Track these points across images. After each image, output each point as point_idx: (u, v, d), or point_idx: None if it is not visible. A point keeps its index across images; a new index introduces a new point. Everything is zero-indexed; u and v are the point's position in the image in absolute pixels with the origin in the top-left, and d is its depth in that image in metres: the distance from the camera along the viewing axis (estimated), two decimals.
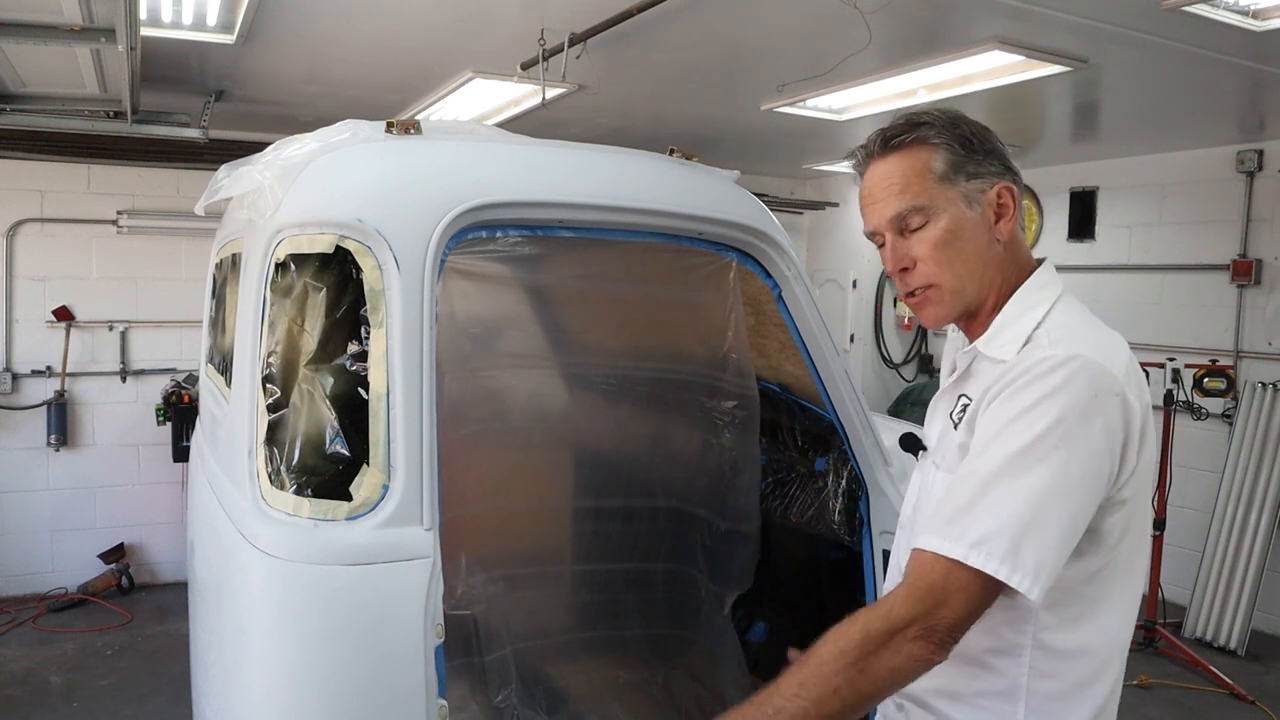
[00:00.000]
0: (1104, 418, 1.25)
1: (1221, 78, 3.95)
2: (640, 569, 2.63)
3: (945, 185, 1.38)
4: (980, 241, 1.39)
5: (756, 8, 3.24)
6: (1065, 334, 1.32)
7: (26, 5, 2.92)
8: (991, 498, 1.24)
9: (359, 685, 1.67)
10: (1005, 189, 1.39)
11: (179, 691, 3.74)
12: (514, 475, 2.58)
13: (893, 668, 1.22)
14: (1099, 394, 1.25)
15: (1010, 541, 1.21)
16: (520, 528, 2.55)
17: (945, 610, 1.22)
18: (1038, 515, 1.22)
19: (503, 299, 2.61)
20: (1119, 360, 1.30)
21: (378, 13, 3.37)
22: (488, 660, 2.23)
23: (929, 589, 1.23)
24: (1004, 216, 1.39)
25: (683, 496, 2.70)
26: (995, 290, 1.41)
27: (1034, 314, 1.37)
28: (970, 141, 1.39)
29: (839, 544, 2.67)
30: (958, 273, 1.39)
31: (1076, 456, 1.23)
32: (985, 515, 1.23)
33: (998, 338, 1.38)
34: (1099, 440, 1.25)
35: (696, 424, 2.65)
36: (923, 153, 1.39)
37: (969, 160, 1.38)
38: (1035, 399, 1.25)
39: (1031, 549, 1.21)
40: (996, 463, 1.25)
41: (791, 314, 2.32)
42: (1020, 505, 1.22)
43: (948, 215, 1.37)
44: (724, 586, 2.63)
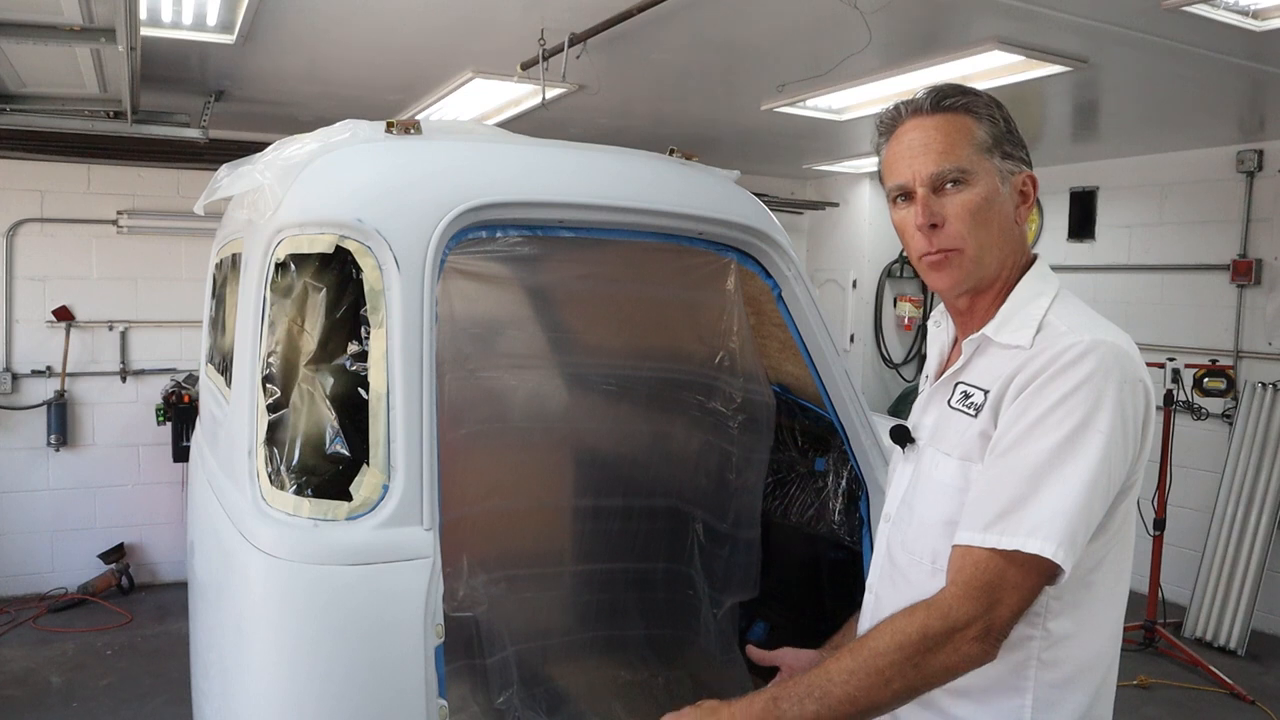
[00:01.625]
0: (1132, 402, 1.29)
1: (1221, 78, 3.95)
2: (641, 569, 2.63)
3: (986, 156, 1.40)
4: (1006, 217, 1.42)
5: (756, 8, 3.24)
6: (1081, 321, 1.35)
7: (26, 5, 2.92)
8: (1045, 490, 1.25)
9: (359, 685, 1.67)
10: (1030, 178, 1.44)
11: (179, 691, 3.74)
12: (515, 476, 2.58)
13: (948, 666, 1.26)
14: (1126, 379, 1.28)
15: (1067, 528, 1.24)
16: (522, 528, 2.55)
17: (1001, 608, 1.25)
18: (1089, 500, 1.26)
19: (503, 299, 2.61)
20: (1134, 345, 1.34)
21: (378, 13, 3.37)
22: (489, 662, 2.23)
23: (986, 587, 1.25)
24: (1025, 203, 1.44)
25: (682, 497, 2.70)
26: (1006, 270, 1.44)
27: (1040, 301, 1.39)
28: (1009, 124, 1.43)
29: (839, 544, 2.67)
30: (982, 241, 1.40)
31: (1114, 441, 1.26)
32: (1042, 507, 1.25)
33: (1008, 324, 1.40)
34: (1129, 424, 1.28)
35: (697, 425, 2.65)
36: (969, 120, 1.41)
37: (1007, 140, 1.42)
38: (1071, 387, 1.27)
39: (1083, 532, 1.26)
40: (1043, 454, 1.27)
41: (791, 314, 2.32)
42: (1074, 492, 1.25)
43: (985, 184, 1.39)
44: (722, 591, 2.63)
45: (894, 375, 7.51)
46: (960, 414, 1.42)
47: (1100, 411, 1.26)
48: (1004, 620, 1.25)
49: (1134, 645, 4.95)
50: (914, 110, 1.45)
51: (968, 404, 1.41)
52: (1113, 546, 1.36)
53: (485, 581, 2.30)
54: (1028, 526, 1.25)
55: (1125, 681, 4.56)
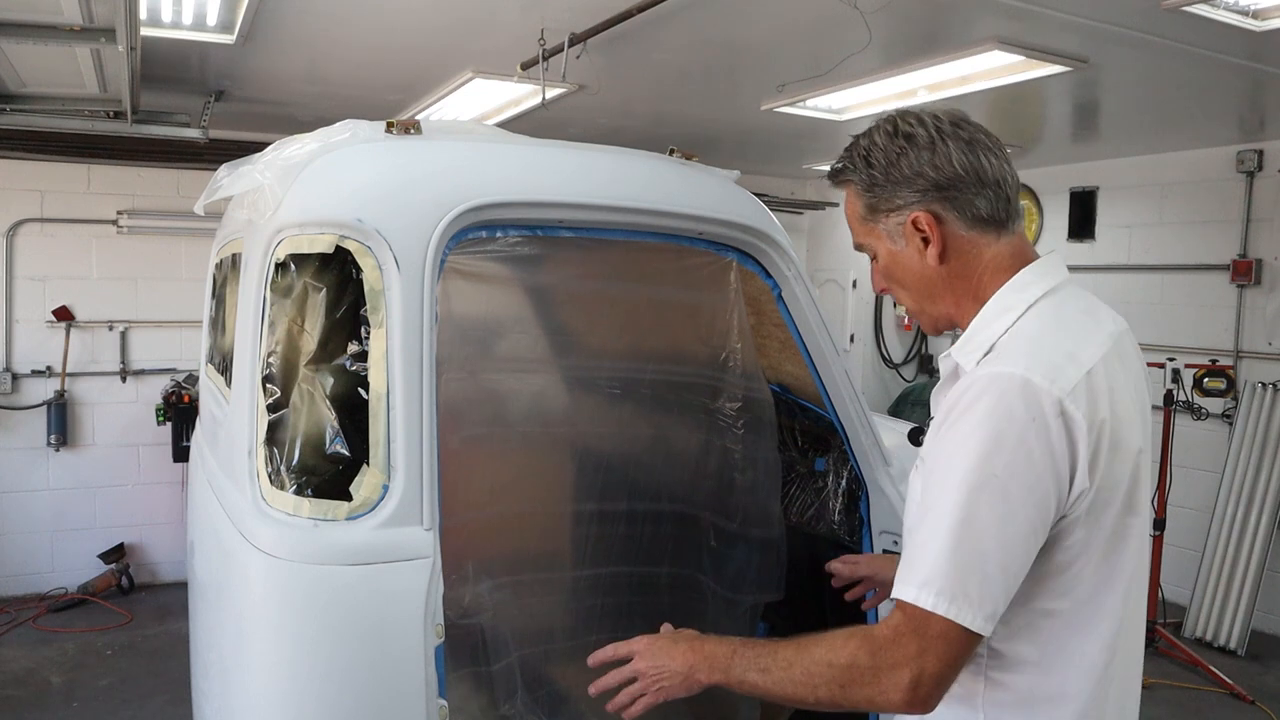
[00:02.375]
0: (1044, 438, 1.22)
1: (1221, 78, 3.95)
2: (646, 572, 2.62)
3: (871, 223, 1.44)
4: (914, 271, 1.42)
5: (756, 8, 3.24)
6: (1020, 345, 1.29)
7: (26, 5, 2.92)
8: (935, 539, 1.24)
9: (359, 685, 1.67)
10: (919, 217, 1.38)
11: (179, 691, 3.74)
12: (518, 480, 2.57)
13: (870, 701, 1.27)
14: (1034, 416, 1.22)
15: (956, 580, 1.21)
16: (526, 533, 2.54)
17: (929, 658, 1.23)
18: (978, 548, 1.22)
19: (503, 299, 2.61)
20: (1069, 373, 1.24)
21: (378, 13, 3.37)
22: (494, 669, 2.23)
23: (911, 634, 1.24)
24: (931, 243, 1.38)
25: (687, 499, 2.69)
26: (961, 305, 1.41)
27: (1004, 319, 1.34)
28: (875, 179, 1.41)
29: (839, 544, 2.67)
30: (905, 298, 1.47)
31: (1013, 483, 1.22)
32: (930, 556, 1.24)
33: (968, 344, 1.37)
34: (1037, 462, 1.22)
35: (702, 426, 2.65)
36: (850, 193, 1.47)
37: (880, 198, 1.41)
38: (968, 429, 1.24)
39: (976, 582, 1.21)
40: (937, 501, 1.25)
41: (791, 314, 2.32)
42: (960, 541, 1.22)
43: (881, 251, 1.45)
44: (737, 592, 2.62)
45: (894, 375, 7.51)
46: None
47: (995, 454, 1.21)
48: (933, 672, 1.23)
49: None
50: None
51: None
52: (1084, 579, 1.30)
53: (491, 588, 2.29)
54: (919, 578, 1.24)
55: None
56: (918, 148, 1.38)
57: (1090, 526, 1.28)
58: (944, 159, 1.37)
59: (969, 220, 1.38)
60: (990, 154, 1.38)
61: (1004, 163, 1.39)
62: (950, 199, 1.37)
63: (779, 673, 1.34)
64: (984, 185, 1.37)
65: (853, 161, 1.44)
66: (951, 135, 1.37)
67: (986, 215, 1.38)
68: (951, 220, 1.38)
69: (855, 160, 1.44)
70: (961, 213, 1.37)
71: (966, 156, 1.37)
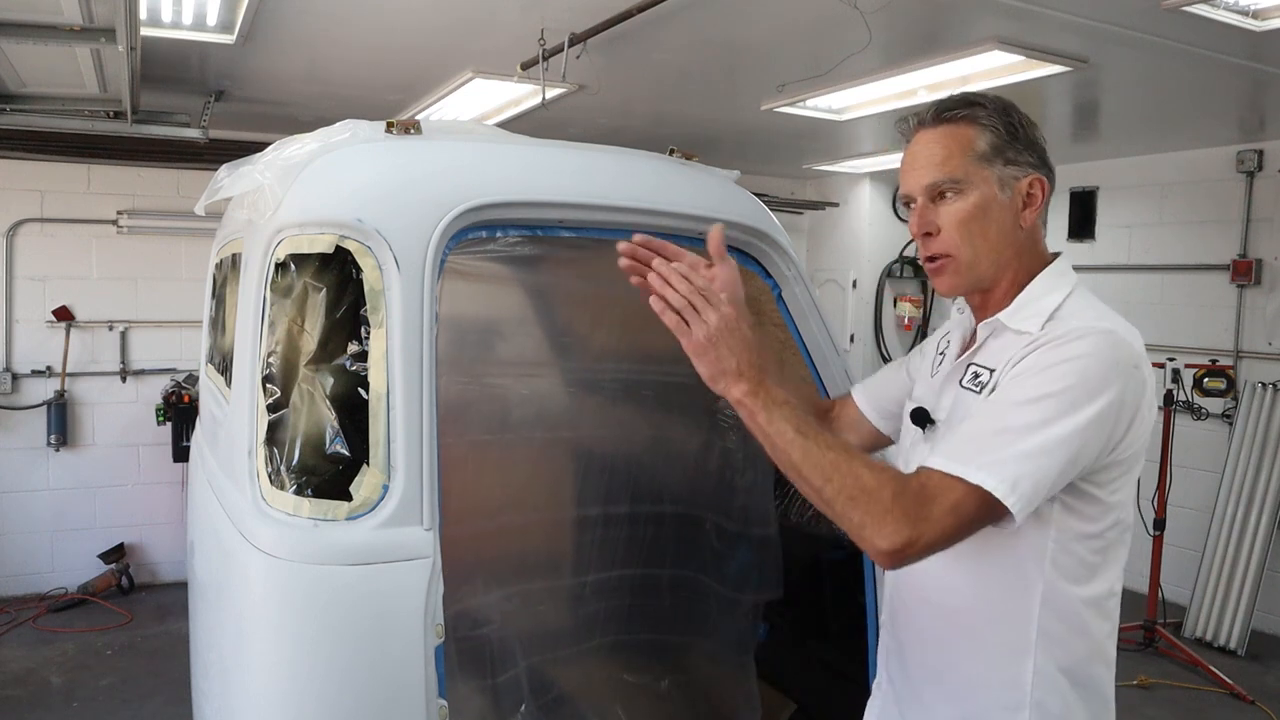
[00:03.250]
0: (1120, 386, 1.33)
1: (1221, 78, 3.95)
2: (649, 574, 2.62)
3: (983, 165, 1.46)
4: (1004, 223, 1.47)
5: (756, 8, 3.24)
6: (1092, 314, 1.42)
7: (26, 5, 2.92)
8: (1009, 435, 1.31)
9: (359, 685, 1.67)
10: (1037, 180, 1.48)
11: (179, 691, 3.74)
12: (521, 485, 2.57)
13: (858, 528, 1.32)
14: (1119, 363, 1.34)
15: (1015, 474, 1.29)
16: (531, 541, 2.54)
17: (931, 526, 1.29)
18: (1042, 457, 1.30)
19: (504, 299, 2.61)
20: (1138, 338, 1.40)
21: (378, 13, 3.37)
22: (500, 681, 2.23)
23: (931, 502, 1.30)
24: (1031, 206, 1.47)
25: (689, 500, 2.69)
26: (1011, 271, 1.50)
27: (1056, 295, 1.46)
28: (1015, 130, 1.47)
29: (839, 544, 2.67)
30: (976, 248, 1.47)
31: (1087, 416, 1.31)
32: (1000, 449, 1.30)
33: (1022, 311, 1.46)
34: (1110, 405, 1.33)
35: (702, 426, 2.65)
36: (970, 130, 1.47)
37: (1010, 146, 1.46)
38: (1060, 359, 1.34)
39: (1030, 484, 1.30)
40: (1012, 405, 1.34)
41: (791, 314, 2.32)
42: (1029, 445, 1.30)
43: (979, 193, 1.46)
44: (739, 591, 2.62)
45: None
46: (969, 393, 1.49)
47: (1083, 385, 1.32)
48: (929, 539, 1.29)
49: (1134, 645, 4.95)
50: (919, 122, 1.53)
51: (976, 383, 1.49)
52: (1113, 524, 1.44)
53: (499, 598, 2.29)
54: (980, 461, 1.30)
55: (1125, 681, 4.57)
56: (1035, 129, 1.50)
57: (1126, 470, 1.42)
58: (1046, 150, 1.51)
59: (1046, 210, 1.53)
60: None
61: None
62: (1052, 184, 1.50)
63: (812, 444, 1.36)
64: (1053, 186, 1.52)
65: (985, 108, 1.48)
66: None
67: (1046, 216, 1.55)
68: (1046, 202, 1.51)
69: (990, 108, 1.48)
70: (1047, 200, 1.51)
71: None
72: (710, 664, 2.71)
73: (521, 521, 2.52)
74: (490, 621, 2.23)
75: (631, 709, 2.63)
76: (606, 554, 2.54)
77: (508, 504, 2.48)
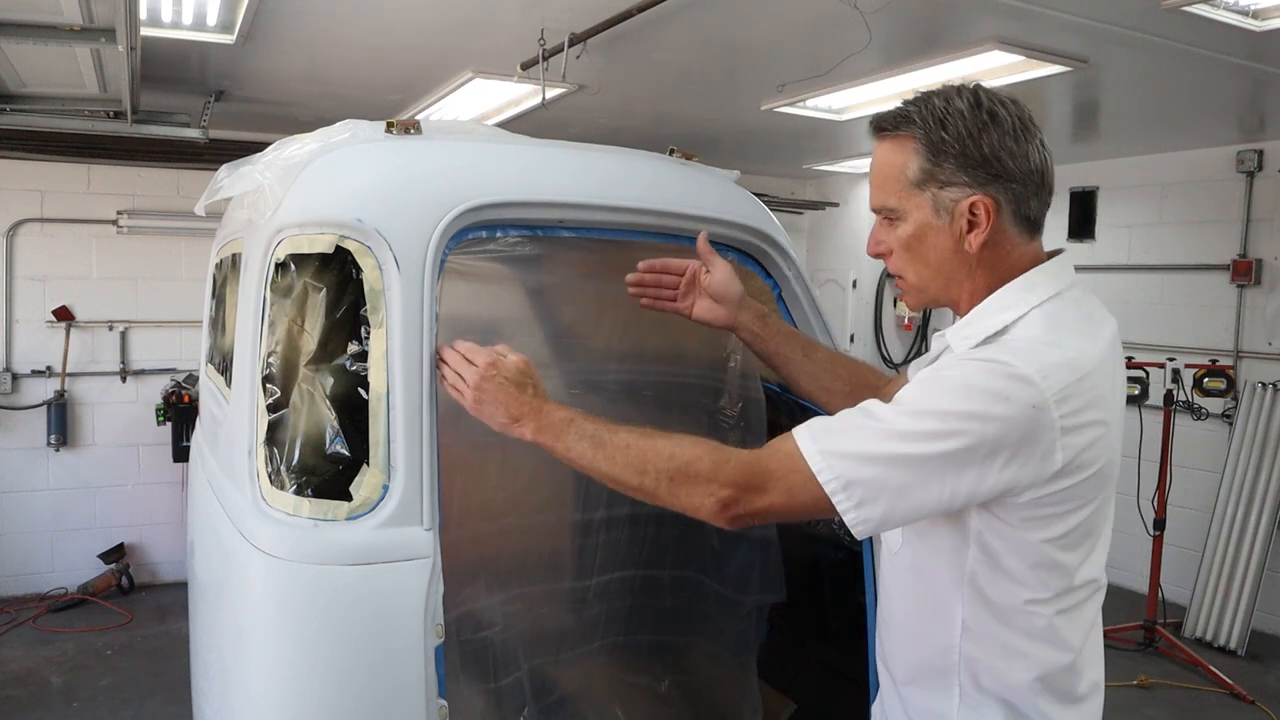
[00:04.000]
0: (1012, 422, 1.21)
1: (1221, 78, 3.95)
2: (648, 576, 2.62)
3: (915, 190, 1.36)
4: (943, 249, 1.37)
5: (756, 8, 3.24)
6: (1019, 345, 1.28)
7: (26, 5, 2.92)
8: (867, 432, 1.27)
9: (359, 685, 1.67)
10: (980, 201, 1.33)
11: (179, 691, 3.74)
12: (522, 486, 2.56)
13: (687, 506, 1.35)
14: (1010, 395, 1.21)
15: (854, 475, 1.25)
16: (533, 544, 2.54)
17: (759, 497, 1.30)
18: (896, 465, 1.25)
19: (504, 300, 2.61)
20: (1060, 378, 1.23)
21: (378, 13, 3.37)
22: (503, 685, 2.22)
23: (765, 472, 1.31)
24: (976, 228, 1.34)
25: None
26: (967, 290, 1.39)
27: (1006, 314, 1.33)
28: (945, 147, 1.33)
29: (839, 544, 2.67)
30: (919, 272, 1.41)
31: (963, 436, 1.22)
32: (852, 438, 1.28)
33: (965, 329, 1.37)
34: (991, 437, 1.22)
35: (703, 427, 2.64)
36: (904, 150, 1.37)
37: (941, 168, 1.34)
38: (946, 376, 1.27)
39: (873, 486, 1.25)
40: (890, 410, 1.27)
41: (791, 314, 2.32)
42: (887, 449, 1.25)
43: (914, 220, 1.37)
44: (740, 592, 2.62)
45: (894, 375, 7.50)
46: None
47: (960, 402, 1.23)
48: (755, 509, 1.30)
49: (1134, 645, 4.96)
50: (872, 133, 1.45)
51: None
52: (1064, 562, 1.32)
53: (502, 600, 2.28)
54: (824, 445, 1.28)
55: (1125, 681, 4.57)
56: (1001, 131, 1.34)
57: (1068, 517, 1.29)
58: (1023, 151, 1.33)
59: (1018, 218, 1.36)
60: (1050, 157, 1.37)
61: (1053, 167, 1.38)
62: (1014, 194, 1.34)
63: (613, 449, 1.40)
64: (1044, 189, 1.36)
65: (923, 115, 1.35)
66: (1028, 130, 1.35)
67: (1033, 218, 1.37)
68: (1007, 214, 1.35)
69: (927, 116, 1.35)
70: (1017, 210, 1.35)
71: (1040, 155, 1.35)
72: (711, 664, 2.71)
73: (523, 524, 2.51)
74: (493, 624, 2.23)
75: (632, 710, 2.63)
76: (608, 556, 2.54)
77: (509, 506, 2.48)
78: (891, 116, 1.40)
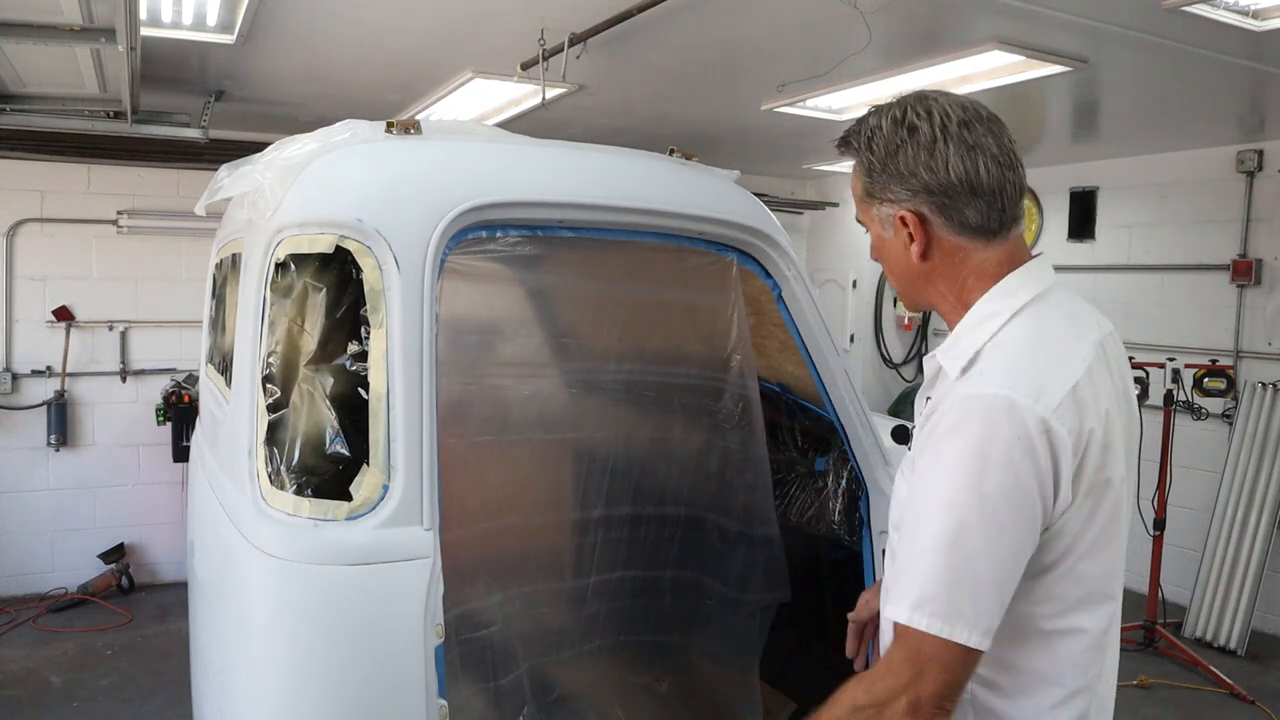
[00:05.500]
0: (1029, 457, 1.22)
1: (1221, 78, 3.95)
2: (649, 576, 2.62)
3: (866, 206, 1.44)
4: (900, 260, 1.42)
5: (756, 8, 3.24)
6: (1003, 362, 1.28)
7: (26, 5, 2.92)
8: (927, 558, 1.24)
9: (359, 685, 1.67)
10: (905, 216, 1.36)
11: (179, 691, 3.74)
12: (523, 487, 2.56)
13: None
14: (1020, 435, 1.21)
15: (948, 600, 1.21)
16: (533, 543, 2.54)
17: (926, 681, 1.22)
18: (972, 567, 1.22)
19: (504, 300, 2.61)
20: (1052, 391, 1.24)
21: (378, 12, 3.37)
22: (503, 684, 2.22)
23: (905, 661, 1.24)
24: (914, 240, 1.37)
25: (690, 501, 2.69)
26: (941, 297, 1.41)
27: (988, 326, 1.33)
28: (873, 165, 1.38)
29: (839, 544, 2.67)
30: (892, 279, 1.49)
31: (1002, 502, 1.22)
32: (920, 577, 1.24)
33: (953, 348, 1.35)
34: (1024, 481, 1.22)
35: (703, 427, 2.65)
36: (855, 169, 1.44)
37: (874, 185, 1.40)
38: (957, 452, 1.24)
39: (970, 601, 1.21)
40: (928, 522, 1.25)
41: (791, 314, 2.32)
42: (952, 562, 1.22)
43: (873, 233, 1.46)
44: (743, 592, 2.62)
45: (894, 375, 7.51)
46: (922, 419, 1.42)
47: (980, 473, 1.21)
48: (931, 694, 1.22)
49: (1134, 645, 4.95)
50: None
51: (925, 409, 1.40)
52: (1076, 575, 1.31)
53: (502, 600, 2.29)
54: (911, 599, 1.24)
55: (1125, 681, 4.56)
56: (917, 145, 1.34)
57: (1065, 539, 1.28)
58: (940, 162, 1.33)
59: (956, 226, 1.36)
60: (992, 162, 1.33)
61: (1006, 170, 1.34)
62: (939, 204, 1.35)
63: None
64: (976, 195, 1.33)
65: (858, 139, 1.42)
66: (956, 137, 1.33)
67: (975, 225, 1.35)
68: (938, 224, 1.36)
69: (860, 140, 1.41)
70: (949, 219, 1.35)
71: (964, 164, 1.33)
72: (712, 665, 2.72)
73: (524, 523, 2.52)
74: (493, 623, 2.23)
75: (632, 710, 2.63)
76: (608, 555, 2.54)
77: (510, 506, 2.48)
78: (841, 139, 1.46)
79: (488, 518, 2.41)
